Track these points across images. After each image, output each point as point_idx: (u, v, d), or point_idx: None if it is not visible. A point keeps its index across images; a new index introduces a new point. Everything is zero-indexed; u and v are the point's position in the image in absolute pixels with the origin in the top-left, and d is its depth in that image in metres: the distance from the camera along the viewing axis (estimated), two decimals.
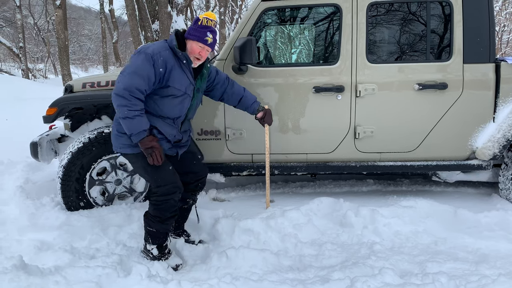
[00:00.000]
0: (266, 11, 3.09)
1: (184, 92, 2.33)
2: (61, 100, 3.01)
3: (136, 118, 2.18)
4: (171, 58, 2.27)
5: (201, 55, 2.34)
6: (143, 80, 2.19)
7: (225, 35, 22.25)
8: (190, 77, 2.36)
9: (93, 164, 3.00)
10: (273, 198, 3.40)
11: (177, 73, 2.28)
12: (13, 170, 4.03)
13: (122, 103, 2.17)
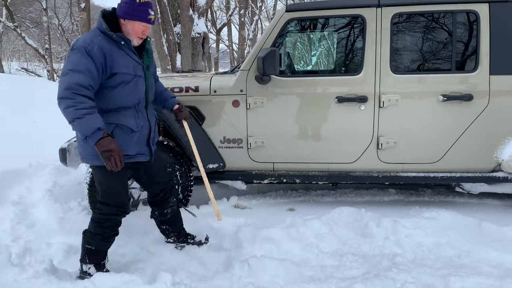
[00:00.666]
0: (290, 21, 3.12)
1: (134, 74, 2.15)
2: None
3: (85, 117, 1.93)
4: (106, 43, 2.06)
5: (145, 34, 2.17)
6: (83, 75, 1.97)
7: (245, 37, 22.41)
8: (135, 57, 2.17)
9: None
10: (294, 206, 3.43)
11: (119, 56, 2.08)
12: (41, 173, 4.16)
13: (66, 104, 1.94)
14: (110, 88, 2.10)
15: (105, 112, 2.11)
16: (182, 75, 3.78)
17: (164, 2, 10.69)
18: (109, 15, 2.13)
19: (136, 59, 2.18)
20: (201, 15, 11.82)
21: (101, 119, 2.00)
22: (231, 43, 28.32)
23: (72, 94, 1.93)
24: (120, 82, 2.10)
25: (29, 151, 4.72)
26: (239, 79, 3.20)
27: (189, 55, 11.30)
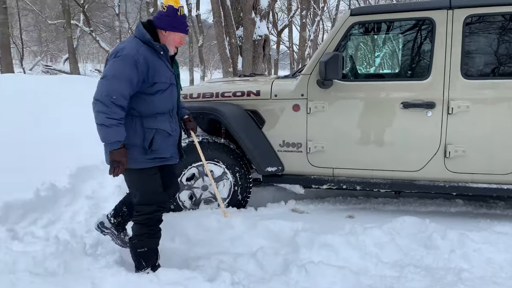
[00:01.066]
0: (354, 25, 3.08)
1: (170, 82, 2.26)
2: None
3: (112, 128, 2.06)
4: (149, 53, 2.16)
5: (182, 43, 2.31)
6: (125, 84, 2.06)
7: (306, 38, 22.28)
8: (169, 66, 2.29)
9: (184, 170, 3.22)
10: (353, 213, 3.37)
11: (159, 66, 2.19)
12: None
13: (100, 109, 2.05)
14: (149, 95, 2.20)
15: (144, 117, 2.21)
16: (244, 79, 3.86)
17: (228, 6, 10.96)
18: (148, 26, 2.23)
19: (170, 68, 2.29)
20: (263, 17, 11.95)
21: (124, 132, 2.11)
22: (292, 44, 28.31)
23: (110, 102, 2.04)
24: (158, 90, 2.21)
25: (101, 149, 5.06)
26: (300, 83, 3.20)
27: (250, 58, 11.47)
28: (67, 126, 6.25)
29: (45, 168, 4.23)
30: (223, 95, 3.32)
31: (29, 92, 7.72)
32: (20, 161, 4.32)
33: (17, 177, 3.85)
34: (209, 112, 3.19)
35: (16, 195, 3.43)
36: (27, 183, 3.75)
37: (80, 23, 22.50)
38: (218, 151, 3.25)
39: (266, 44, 12.23)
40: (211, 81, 3.95)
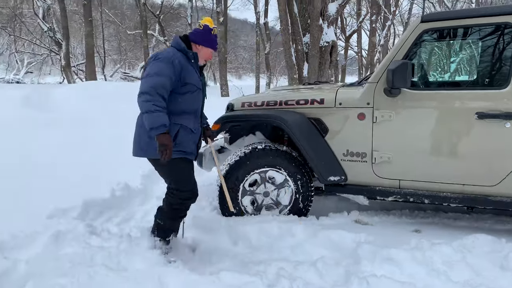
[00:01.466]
0: (425, 32, 2.96)
1: (198, 87, 2.59)
2: (223, 118, 3.41)
3: (156, 113, 2.35)
4: (183, 59, 2.53)
5: (210, 58, 2.70)
6: (166, 79, 2.41)
7: (375, 43, 21.67)
8: (198, 73, 2.64)
9: (246, 176, 3.30)
10: (420, 227, 3.22)
11: (190, 70, 2.55)
12: None
13: (146, 98, 2.37)
14: (180, 95, 2.54)
15: (172, 114, 2.52)
16: (308, 87, 3.87)
17: (295, 13, 11.03)
18: (184, 39, 2.63)
19: (199, 76, 2.64)
20: (330, 23, 11.85)
21: (167, 119, 2.41)
22: (361, 49, 27.66)
23: (154, 92, 2.37)
24: (188, 91, 2.56)
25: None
26: (366, 91, 3.14)
27: (316, 64, 11.41)
28: None
29: (121, 168, 4.56)
30: (286, 103, 3.36)
31: (109, 97, 8.40)
32: (99, 160, 4.71)
33: (96, 176, 4.20)
34: (272, 119, 3.25)
35: (95, 194, 3.74)
36: (105, 182, 4.07)
37: (155, 33, 23.92)
38: (280, 158, 3.28)
39: (333, 50, 12.10)
40: (275, 89, 4.01)
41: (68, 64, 19.78)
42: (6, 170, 4.10)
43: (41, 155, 4.71)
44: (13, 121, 6.55)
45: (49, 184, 3.87)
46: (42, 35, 24.43)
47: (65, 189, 3.74)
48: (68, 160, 4.55)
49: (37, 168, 4.27)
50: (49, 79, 29.24)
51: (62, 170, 4.25)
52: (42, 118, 6.96)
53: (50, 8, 20.99)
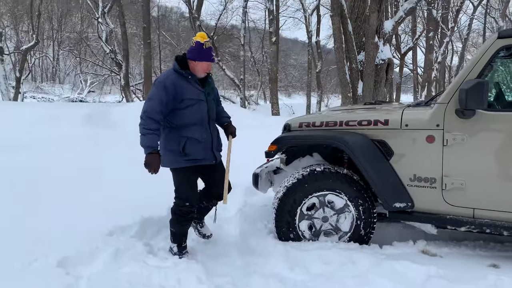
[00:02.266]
0: (503, 49, 2.73)
1: (197, 99, 2.84)
2: (281, 139, 3.33)
3: (147, 136, 2.69)
4: (177, 78, 2.80)
5: (209, 69, 2.91)
6: (157, 103, 2.71)
7: (432, 60, 20.84)
8: (198, 87, 2.88)
9: (304, 199, 3.17)
10: (498, 262, 2.90)
11: (186, 87, 2.81)
12: (235, 190, 4.65)
13: (140, 122, 2.72)
14: (181, 110, 2.81)
15: (178, 127, 2.84)
16: (369, 107, 3.69)
17: (349, 31, 10.86)
18: (181, 58, 2.90)
19: (199, 88, 2.88)
20: (386, 41, 11.55)
21: (156, 140, 2.75)
22: (416, 67, 26.75)
23: (146, 116, 2.71)
24: (187, 105, 2.81)
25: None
26: (436, 112, 2.93)
27: (372, 83, 11.11)
28: None
29: None
30: (347, 123, 3.22)
31: None
32: (155, 178, 4.79)
33: (152, 193, 4.26)
34: (333, 141, 3.12)
35: (152, 212, 3.77)
36: (162, 200, 4.11)
37: None
38: (340, 181, 3.13)
39: (389, 68, 11.75)
40: (333, 109, 3.89)
41: (127, 84, 20.79)
42: (69, 186, 4.28)
43: (102, 172, 4.89)
44: (75, 138, 6.92)
45: (109, 201, 3.98)
46: (105, 56, 25.97)
47: (124, 207, 3.82)
48: (127, 178, 4.66)
49: (98, 185, 4.43)
50: (109, 98, 30.90)
51: (122, 187, 4.36)
52: (102, 135, 7.30)
53: (112, 31, 22.31)
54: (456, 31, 27.30)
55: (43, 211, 3.64)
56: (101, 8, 21.38)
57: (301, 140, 3.31)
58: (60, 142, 6.64)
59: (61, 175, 4.79)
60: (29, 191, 4.19)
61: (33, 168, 5.07)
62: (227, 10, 25.18)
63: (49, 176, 4.77)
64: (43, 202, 3.88)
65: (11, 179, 4.57)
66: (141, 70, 36.27)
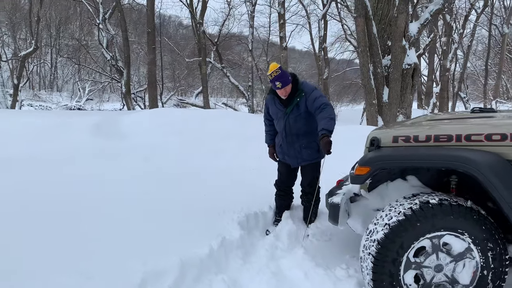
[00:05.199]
0: None
1: (276, 117, 3.69)
2: (376, 159, 2.47)
3: (265, 134, 3.99)
4: (269, 99, 3.73)
5: (282, 94, 3.50)
6: (264, 113, 3.91)
7: (446, 66, 20.15)
8: (280, 107, 3.61)
9: (414, 243, 2.32)
10: None
11: (271, 106, 3.71)
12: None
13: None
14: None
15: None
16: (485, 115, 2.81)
17: (374, 33, 10.08)
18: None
19: (280, 108, 3.62)
20: (411, 44, 10.78)
21: (269, 138, 3.96)
22: (420, 74, 26.03)
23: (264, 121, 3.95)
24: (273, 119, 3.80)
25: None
26: None
27: (398, 88, 10.32)
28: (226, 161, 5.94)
29: (211, 213, 3.74)
30: (468, 138, 2.37)
31: (181, 125, 7.77)
32: (186, 204, 3.92)
33: (190, 226, 3.39)
34: (459, 163, 2.26)
35: (192, 251, 2.92)
36: (198, 234, 3.26)
37: (212, 60, 23.81)
38: (463, 218, 2.29)
39: (415, 73, 10.96)
40: (432, 117, 3.02)
41: (128, 91, 19.94)
42: (84, 220, 3.37)
43: (122, 198, 3.96)
44: (81, 150, 6.01)
45: (136, 236, 3.10)
46: (105, 63, 25.17)
47: (156, 244, 2.96)
48: (156, 206, 3.77)
49: (122, 216, 3.51)
50: (108, 106, 30.06)
51: (151, 218, 3.47)
52: (111, 148, 6.38)
53: (113, 37, 21.53)
54: (465, 38, 26.68)
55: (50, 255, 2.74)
56: (101, 14, 20.63)
57: (407, 161, 2.44)
58: (64, 157, 5.75)
59: (64, 207, 3.82)
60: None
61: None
62: (229, 18, 24.48)
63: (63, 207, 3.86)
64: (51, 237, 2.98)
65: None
66: (140, 78, 35.52)
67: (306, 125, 3.55)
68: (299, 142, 3.61)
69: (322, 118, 3.23)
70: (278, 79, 3.39)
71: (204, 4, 20.51)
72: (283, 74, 3.39)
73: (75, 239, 2.91)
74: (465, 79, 31.71)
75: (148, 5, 15.67)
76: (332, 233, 3.49)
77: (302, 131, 3.57)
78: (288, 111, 3.53)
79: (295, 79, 3.52)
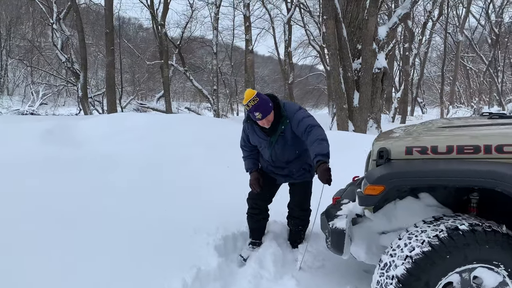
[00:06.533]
0: None
1: (260, 145, 3.16)
2: (392, 176, 2.03)
3: (244, 162, 3.33)
4: (248, 127, 3.16)
5: (264, 124, 2.95)
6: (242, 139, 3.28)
7: (408, 71, 20.52)
8: (262, 136, 3.07)
9: (442, 279, 1.89)
10: None
11: (251, 136, 3.16)
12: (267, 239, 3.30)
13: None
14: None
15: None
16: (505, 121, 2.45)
17: (344, 36, 9.84)
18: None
19: (262, 137, 3.08)
20: (381, 48, 10.66)
21: (250, 164, 3.28)
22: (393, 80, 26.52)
23: (241, 148, 3.32)
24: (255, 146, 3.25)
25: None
26: None
27: (369, 93, 10.14)
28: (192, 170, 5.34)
29: (182, 235, 3.20)
30: (499, 149, 1.98)
31: (144, 131, 7.10)
32: (153, 225, 3.32)
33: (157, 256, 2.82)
34: (492, 179, 1.86)
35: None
36: (171, 266, 2.70)
37: (174, 63, 23.07)
38: (499, 246, 1.89)
39: (385, 77, 10.86)
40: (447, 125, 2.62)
41: (85, 95, 18.87)
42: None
43: (66, 218, 3.31)
44: (30, 161, 5.24)
45: (85, 271, 2.49)
46: (60, 66, 23.80)
47: (116, 279, 2.38)
48: (111, 223, 3.17)
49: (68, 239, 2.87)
50: (63, 111, 28.50)
51: (103, 245, 2.86)
52: (65, 157, 5.63)
53: (69, 39, 20.33)
54: (423, 44, 27.47)
55: None
56: (56, 14, 19.42)
57: (431, 178, 2.01)
58: (7, 168, 4.97)
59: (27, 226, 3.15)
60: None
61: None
62: (192, 20, 23.85)
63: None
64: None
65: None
66: (98, 82, 33.93)
67: (295, 151, 3.09)
68: (289, 168, 3.17)
69: (312, 142, 2.75)
70: (257, 109, 2.82)
71: (166, 5, 19.78)
72: (262, 102, 2.82)
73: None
74: (421, 85, 32.76)
75: (106, 4, 14.80)
76: (325, 258, 3.02)
77: (292, 158, 3.12)
78: (273, 141, 3.03)
79: (276, 103, 2.95)
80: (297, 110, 2.97)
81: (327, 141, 2.75)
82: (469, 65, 32.68)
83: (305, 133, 2.84)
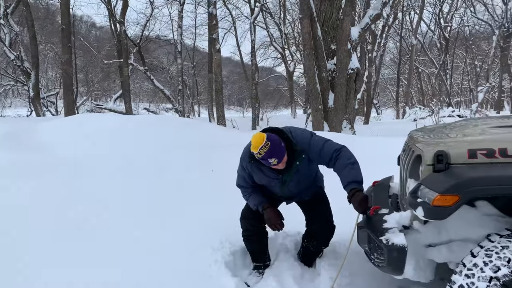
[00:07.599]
0: None
1: (267, 184, 2.77)
2: (469, 184, 1.75)
3: (248, 200, 2.85)
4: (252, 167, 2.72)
5: (278, 167, 2.58)
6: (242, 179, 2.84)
7: (372, 74, 20.90)
8: (272, 175, 2.69)
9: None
10: None
11: (257, 174, 2.75)
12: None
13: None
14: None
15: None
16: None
17: (319, 36, 9.69)
18: None
19: (270, 176, 2.70)
20: (353, 49, 10.62)
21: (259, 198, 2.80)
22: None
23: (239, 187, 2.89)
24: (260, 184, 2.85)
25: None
26: None
27: (344, 93, 10.04)
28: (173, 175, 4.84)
29: (184, 252, 2.78)
30: None
31: (110, 134, 6.51)
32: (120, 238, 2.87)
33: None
34: None
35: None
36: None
37: (133, 62, 22.14)
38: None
39: (358, 78, 10.83)
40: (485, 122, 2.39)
41: (37, 96, 17.60)
42: None
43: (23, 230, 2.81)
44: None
45: None
46: (7, 64, 22.11)
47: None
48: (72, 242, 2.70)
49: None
50: (10, 112, 26.65)
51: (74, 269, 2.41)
52: (24, 164, 4.97)
53: (18, 35, 18.89)
54: (382, 48, 28.22)
55: None
56: (3, 8, 17.96)
57: (506, 187, 1.75)
58: None
59: None
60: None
61: None
62: (151, 19, 23.04)
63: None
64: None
65: None
66: (48, 82, 31.99)
67: (309, 181, 2.82)
68: (300, 195, 2.88)
69: (342, 168, 2.48)
70: (271, 155, 2.44)
71: (125, 2, 18.85)
72: (274, 146, 2.42)
73: None
74: (377, 87, 33.77)
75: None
76: (351, 273, 2.72)
77: (304, 187, 2.82)
78: (286, 179, 2.69)
79: (285, 138, 2.57)
80: (311, 139, 2.63)
81: (358, 163, 2.50)
82: (421, 68, 34.03)
83: (331, 160, 2.56)
